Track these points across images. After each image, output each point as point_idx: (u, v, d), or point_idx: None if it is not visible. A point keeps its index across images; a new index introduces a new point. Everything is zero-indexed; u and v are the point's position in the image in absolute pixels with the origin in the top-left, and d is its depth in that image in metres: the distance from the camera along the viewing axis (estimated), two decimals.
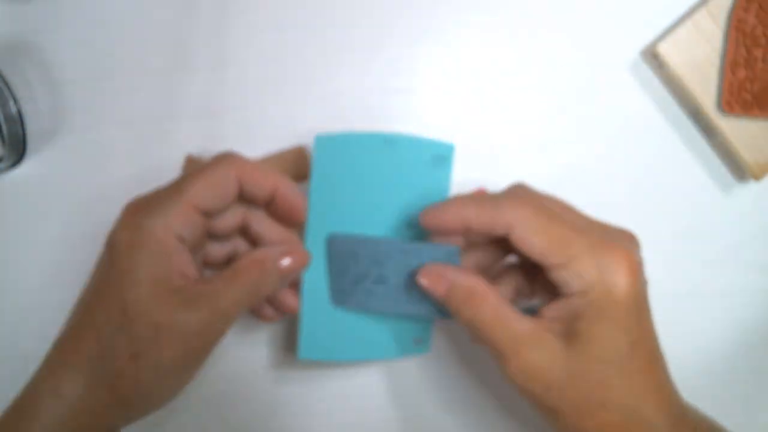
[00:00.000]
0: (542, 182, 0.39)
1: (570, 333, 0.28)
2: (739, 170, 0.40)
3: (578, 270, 0.28)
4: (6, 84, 0.38)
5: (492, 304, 0.29)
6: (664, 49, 0.38)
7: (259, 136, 0.39)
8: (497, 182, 0.39)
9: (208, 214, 0.30)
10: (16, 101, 0.38)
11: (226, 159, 0.31)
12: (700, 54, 0.38)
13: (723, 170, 0.40)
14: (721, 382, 0.40)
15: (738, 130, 0.38)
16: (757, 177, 0.38)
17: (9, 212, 0.39)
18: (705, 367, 0.40)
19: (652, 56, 0.39)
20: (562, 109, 0.39)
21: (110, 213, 0.39)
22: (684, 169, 0.40)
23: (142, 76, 0.39)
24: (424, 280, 0.31)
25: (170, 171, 0.39)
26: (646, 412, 0.28)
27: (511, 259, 0.33)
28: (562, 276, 0.28)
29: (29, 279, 0.39)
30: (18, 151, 0.38)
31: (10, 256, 0.39)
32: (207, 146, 0.39)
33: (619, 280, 0.28)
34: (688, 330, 0.40)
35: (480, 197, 0.30)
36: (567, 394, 0.28)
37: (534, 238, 0.28)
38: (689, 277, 0.40)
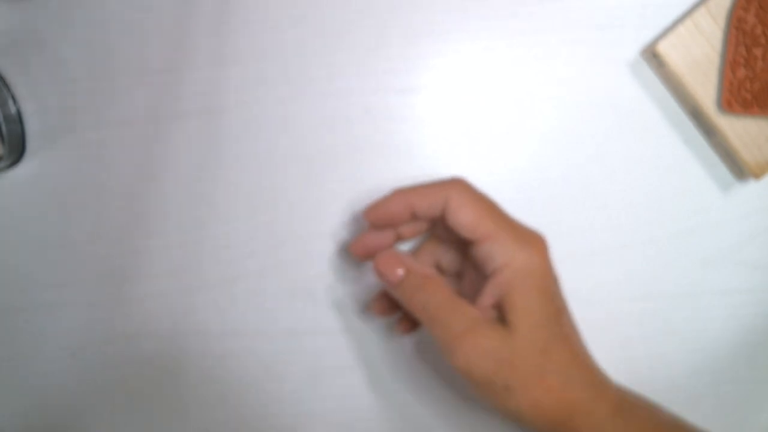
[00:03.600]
0: (542, 181, 0.39)
1: (504, 311, 0.30)
2: (739, 170, 0.40)
3: (502, 243, 0.31)
4: (5, 83, 0.38)
5: (445, 289, 0.31)
6: (664, 49, 0.38)
7: (259, 136, 0.39)
8: (497, 180, 0.39)
9: None
10: (15, 101, 0.38)
11: None
12: (699, 53, 0.38)
13: (723, 170, 0.40)
14: (722, 382, 0.39)
15: (738, 129, 0.38)
16: (757, 176, 0.38)
17: (9, 212, 0.39)
18: (705, 366, 0.39)
19: (652, 55, 0.39)
20: (561, 108, 0.39)
21: (110, 213, 0.39)
22: (684, 168, 0.40)
23: (142, 76, 0.39)
24: (380, 266, 0.32)
25: (170, 171, 0.39)
26: (577, 376, 0.31)
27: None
28: (488, 248, 0.31)
29: (29, 279, 0.39)
30: (18, 150, 0.38)
31: (10, 256, 0.39)
32: (207, 146, 0.39)
33: (536, 255, 0.31)
34: (688, 330, 0.40)
35: (418, 184, 0.33)
36: (515, 368, 0.29)
37: (465, 211, 0.31)
38: (689, 277, 0.40)
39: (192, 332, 0.39)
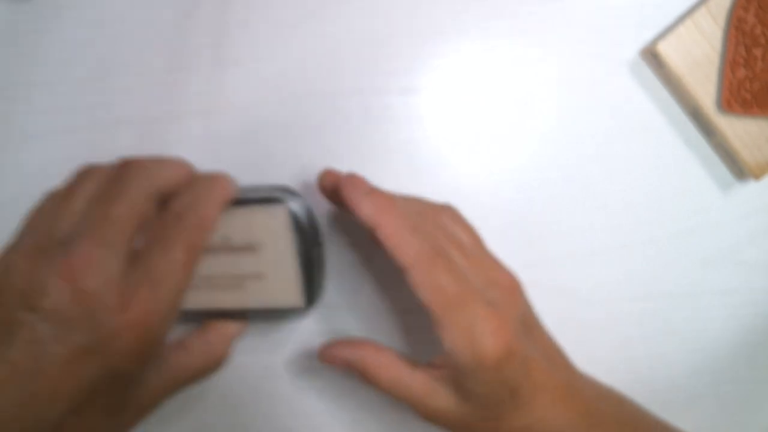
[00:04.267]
0: (542, 181, 0.39)
1: (455, 383, 0.30)
2: (739, 170, 0.40)
3: (451, 333, 0.29)
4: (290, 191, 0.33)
5: (385, 370, 0.31)
6: (664, 49, 0.38)
7: (258, 137, 0.39)
8: (497, 180, 0.39)
9: None
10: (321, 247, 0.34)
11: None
12: (699, 53, 0.38)
13: (723, 170, 0.40)
14: (722, 382, 0.39)
15: (738, 129, 0.38)
16: (757, 177, 0.38)
17: None
18: (705, 366, 0.39)
19: (652, 56, 0.39)
20: (562, 108, 0.39)
21: None
22: (684, 169, 0.40)
23: (142, 76, 0.39)
24: (325, 362, 0.33)
25: None
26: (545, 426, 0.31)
27: None
28: (439, 332, 0.29)
29: None
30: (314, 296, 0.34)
31: None
32: (207, 147, 0.39)
33: (487, 344, 0.28)
34: (688, 330, 0.40)
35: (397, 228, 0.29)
36: (469, 427, 0.31)
37: (421, 288, 0.29)
38: (689, 277, 0.40)
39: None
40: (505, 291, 0.31)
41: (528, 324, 0.32)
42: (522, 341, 0.30)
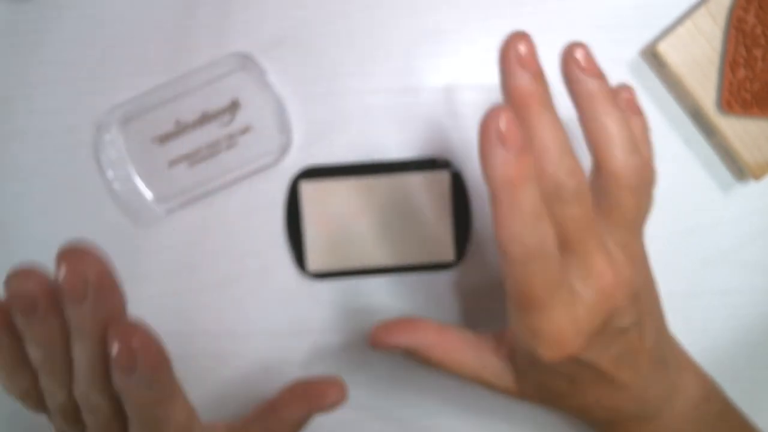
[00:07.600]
0: None
1: (517, 361, 0.30)
2: (739, 170, 0.40)
3: (518, 321, 0.26)
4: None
5: (450, 354, 0.30)
6: (664, 49, 0.38)
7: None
8: None
9: None
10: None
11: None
12: (699, 53, 0.38)
13: (723, 170, 0.40)
14: (721, 382, 0.39)
15: (738, 129, 0.38)
16: (757, 177, 0.38)
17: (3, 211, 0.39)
18: (705, 366, 0.39)
19: (652, 56, 0.39)
20: (561, 108, 0.39)
21: (108, 212, 0.39)
22: (684, 169, 0.40)
23: (142, 77, 0.39)
24: (380, 348, 0.31)
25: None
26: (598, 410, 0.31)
27: None
28: (509, 310, 0.27)
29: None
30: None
31: (9, 257, 0.39)
32: None
33: (543, 349, 0.26)
34: (688, 330, 0.39)
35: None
36: (531, 399, 0.31)
37: (507, 278, 0.25)
38: (689, 277, 0.40)
39: (192, 332, 0.39)
40: (599, 292, 0.26)
41: (619, 331, 0.27)
42: (594, 350, 0.27)
